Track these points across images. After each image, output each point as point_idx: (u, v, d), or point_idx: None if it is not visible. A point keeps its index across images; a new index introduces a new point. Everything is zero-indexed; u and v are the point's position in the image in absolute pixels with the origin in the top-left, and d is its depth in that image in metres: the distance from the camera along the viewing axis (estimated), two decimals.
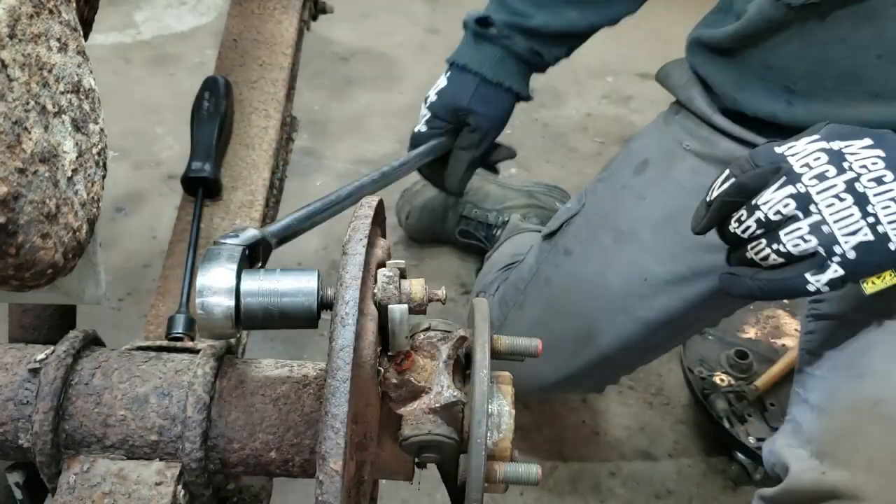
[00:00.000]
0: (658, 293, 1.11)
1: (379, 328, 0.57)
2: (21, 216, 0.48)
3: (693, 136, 1.10)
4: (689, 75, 1.12)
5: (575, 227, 1.20)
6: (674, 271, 1.10)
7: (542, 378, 1.22)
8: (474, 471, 0.55)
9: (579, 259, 1.17)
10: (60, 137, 0.53)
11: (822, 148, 0.75)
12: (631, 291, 1.12)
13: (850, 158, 0.74)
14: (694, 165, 1.09)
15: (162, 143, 2.08)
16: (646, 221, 1.12)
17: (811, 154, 0.75)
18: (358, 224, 0.58)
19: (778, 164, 0.75)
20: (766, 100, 1.00)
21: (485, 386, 0.57)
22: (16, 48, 0.48)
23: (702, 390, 1.43)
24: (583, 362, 1.18)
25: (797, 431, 0.88)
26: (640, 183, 1.14)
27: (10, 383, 0.59)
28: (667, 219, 1.10)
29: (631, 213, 1.13)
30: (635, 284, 1.12)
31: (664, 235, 1.10)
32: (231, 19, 1.12)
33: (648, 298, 1.11)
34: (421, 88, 2.43)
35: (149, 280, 1.68)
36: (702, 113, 1.09)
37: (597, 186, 1.22)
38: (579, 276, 1.17)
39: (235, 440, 0.58)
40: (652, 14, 1.38)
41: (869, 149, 0.73)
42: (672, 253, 1.10)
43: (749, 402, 1.41)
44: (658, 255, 1.11)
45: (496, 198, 1.75)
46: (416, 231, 1.81)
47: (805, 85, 0.97)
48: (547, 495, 1.38)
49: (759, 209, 0.75)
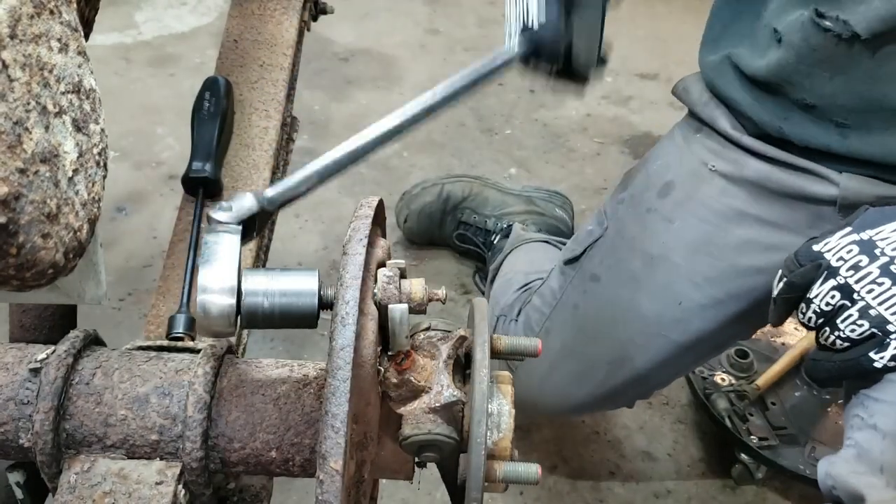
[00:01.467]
0: (693, 317, 1.11)
1: (379, 328, 0.57)
2: (22, 216, 0.48)
3: (719, 157, 1.08)
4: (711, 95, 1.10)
5: (600, 251, 1.18)
6: (709, 295, 1.09)
7: (575, 400, 1.22)
8: (474, 470, 0.56)
9: (608, 284, 1.16)
10: (61, 137, 0.53)
11: (854, 241, 0.82)
12: (665, 315, 1.11)
13: (881, 245, 0.81)
14: (722, 187, 1.07)
15: (162, 143, 2.08)
16: (677, 245, 1.10)
17: (844, 248, 0.83)
18: (358, 224, 0.58)
19: (818, 262, 0.83)
20: (816, 132, 0.99)
21: (485, 385, 0.57)
22: (17, 48, 0.48)
23: (703, 390, 1.44)
24: (617, 384, 1.18)
25: (864, 457, 0.86)
26: (666, 206, 1.12)
27: (11, 383, 0.59)
28: (699, 242, 1.09)
29: (660, 237, 1.12)
30: (669, 308, 1.11)
31: (697, 259, 1.09)
32: (231, 20, 1.12)
33: (684, 322, 1.11)
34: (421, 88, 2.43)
35: (149, 280, 1.68)
36: (729, 135, 1.07)
37: (618, 209, 1.19)
38: (610, 301, 1.16)
39: (236, 440, 0.58)
40: (651, 14, 1.39)
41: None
42: (706, 276, 1.09)
43: (750, 402, 1.41)
44: (692, 279, 1.10)
45: (495, 203, 1.74)
46: (413, 235, 1.81)
47: (858, 120, 0.96)
48: (547, 495, 1.38)
49: (813, 302, 0.84)
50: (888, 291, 0.80)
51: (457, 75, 0.77)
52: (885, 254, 0.80)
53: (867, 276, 0.81)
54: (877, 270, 0.80)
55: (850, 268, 0.82)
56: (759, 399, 1.42)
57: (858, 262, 0.81)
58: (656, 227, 1.13)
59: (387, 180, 2.01)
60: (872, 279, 0.80)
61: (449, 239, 1.79)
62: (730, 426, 1.38)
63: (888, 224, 0.82)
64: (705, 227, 1.08)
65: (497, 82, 2.37)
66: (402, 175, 2.03)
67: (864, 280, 0.81)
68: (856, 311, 0.81)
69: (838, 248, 0.83)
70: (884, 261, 0.80)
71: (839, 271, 0.82)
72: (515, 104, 2.31)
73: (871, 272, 0.81)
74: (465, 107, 2.28)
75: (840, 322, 0.82)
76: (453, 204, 1.76)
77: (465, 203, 1.76)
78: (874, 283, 0.80)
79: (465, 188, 1.77)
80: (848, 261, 0.82)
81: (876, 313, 0.80)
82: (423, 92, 0.82)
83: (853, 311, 0.81)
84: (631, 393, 1.24)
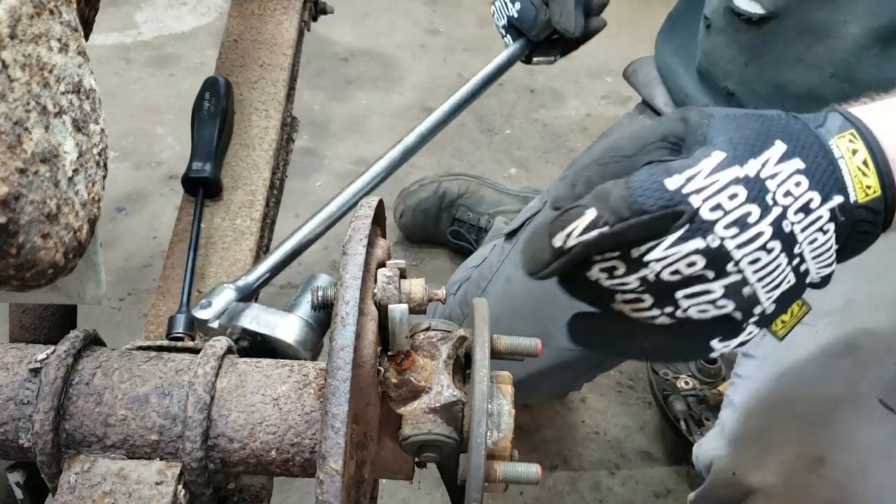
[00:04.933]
0: None
1: (379, 328, 0.57)
2: (22, 216, 0.48)
3: None
4: (655, 74, 1.13)
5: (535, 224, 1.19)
6: None
7: None
8: (474, 470, 0.55)
9: None
10: (61, 138, 0.53)
11: (737, 178, 0.53)
12: None
13: (771, 186, 0.53)
14: None
15: (162, 143, 2.08)
16: None
17: (724, 190, 0.52)
18: (358, 224, 0.58)
19: (676, 209, 0.52)
20: None
21: (485, 385, 0.57)
22: (16, 48, 0.48)
23: (662, 391, 1.43)
24: (542, 366, 1.15)
25: (722, 433, 0.88)
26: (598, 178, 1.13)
27: (11, 383, 0.59)
28: None
29: None
30: None
31: None
32: (231, 20, 1.12)
33: None
34: (421, 88, 2.45)
35: (149, 280, 1.68)
36: (661, 111, 1.10)
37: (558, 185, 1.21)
38: None
39: (236, 440, 0.58)
40: (651, 14, 1.39)
41: (786, 160, 0.54)
42: None
43: (709, 406, 1.40)
44: None
45: (490, 202, 1.75)
46: (409, 230, 1.82)
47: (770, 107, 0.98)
48: (547, 495, 1.38)
49: (648, 266, 0.53)
50: (775, 261, 0.54)
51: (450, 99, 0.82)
52: (777, 202, 0.53)
53: (756, 237, 0.52)
54: (769, 231, 0.53)
55: (734, 224, 0.52)
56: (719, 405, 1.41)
57: (746, 217, 0.52)
58: None
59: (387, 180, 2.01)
60: (762, 243, 0.53)
61: (443, 236, 1.79)
62: (683, 429, 1.37)
63: (770, 148, 0.54)
64: None
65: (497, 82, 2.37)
66: (402, 175, 2.02)
67: (752, 244, 0.53)
68: (721, 286, 0.53)
69: (714, 188, 0.52)
70: (776, 213, 0.53)
71: (714, 227, 0.52)
72: (515, 104, 2.31)
73: (762, 232, 0.52)
74: None
75: (684, 297, 0.54)
76: (449, 201, 1.77)
77: (460, 200, 1.76)
78: (763, 250, 0.53)
79: (461, 186, 1.78)
80: (730, 212, 0.52)
81: (750, 293, 0.54)
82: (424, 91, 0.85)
83: (715, 287, 0.53)
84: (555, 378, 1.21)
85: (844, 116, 0.56)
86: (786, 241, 0.53)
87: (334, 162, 2.07)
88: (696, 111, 0.57)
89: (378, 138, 2.16)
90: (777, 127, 0.55)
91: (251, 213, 0.91)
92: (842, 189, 0.54)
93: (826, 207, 0.54)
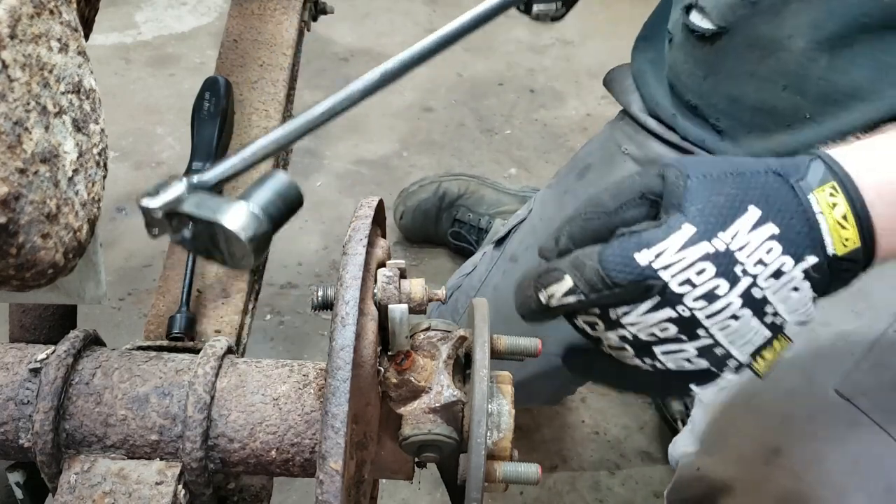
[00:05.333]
0: None
1: (379, 328, 0.57)
2: (22, 216, 0.48)
3: (631, 141, 1.12)
4: (631, 81, 1.15)
5: (521, 233, 1.20)
6: None
7: None
8: (474, 470, 0.56)
9: (523, 266, 1.17)
10: (61, 138, 0.53)
11: (707, 254, 0.54)
12: None
13: (741, 257, 0.55)
14: (631, 169, 1.10)
15: (162, 143, 2.08)
16: None
17: (692, 266, 0.54)
18: (358, 224, 0.58)
19: (646, 283, 0.55)
20: (698, 129, 1.03)
21: (485, 385, 0.57)
22: (17, 48, 0.48)
23: None
24: (532, 371, 1.15)
25: (691, 430, 0.89)
26: (581, 187, 1.14)
27: (11, 383, 0.59)
28: None
29: None
30: None
31: None
32: (231, 20, 1.12)
33: None
34: (421, 88, 2.45)
35: (149, 280, 1.68)
36: (637, 117, 1.12)
37: (545, 193, 1.23)
38: None
39: (236, 440, 0.58)
40: None
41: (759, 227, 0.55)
42: None
43: None
44: None
45: (491, 202, 1.75)
46: (409, 232, 1.82)
47: (727, 123, 1.00)
48: (547, 495, 1.38)
49: (624, 329, 0.57)
50: (746, 325, 0.56)
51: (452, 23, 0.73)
52: (747, 272, 0.55)
53: (725, 308, 0.55)
54: (738, 300, 0.55)
55: (702, 297, 0.55)
56: None
57: (714, 290, 0.55)
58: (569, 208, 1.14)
59: (387, 180, 2.01)
60: (731, 313, 0.55)
61: (444, 236, 1.79)
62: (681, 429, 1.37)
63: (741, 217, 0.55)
64: None
65: (497, 82, 2.37)
66: (402, 175, 2.03)
67: (720, 315, 0.55)
68: (694, 348, 0.57)
69: (682, 265, 0.54)
70: (746, 284, 0.55)
71: (683, 300, 0.55)
72: (515, 104, 2.31)
73: (730, 303, 0.55)
74: (465, 107, 2.28)
75: (662, 353, 0.58)
76: (449, 201, 1.77)
77: (460, 201, 1.76)
78: (732, 319, 0.56)
79: (461, 186, 1.78)
80: (698, 286, 0.54)
81: (723, 352, 0.57)
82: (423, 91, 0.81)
83: (689, 348, 0.57)
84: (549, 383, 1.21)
85: (827, 166, 0.57)
86: (756, 307, 0.56)
87: (334, 162, 2.07)
88: (674, 169, 0.58)
89: (378, 138, 2.16)
90: (753, 189, 0.56)
91: None
92: (817, 248, 0.56)
93: (799, 269, 0.56)
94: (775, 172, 0.57)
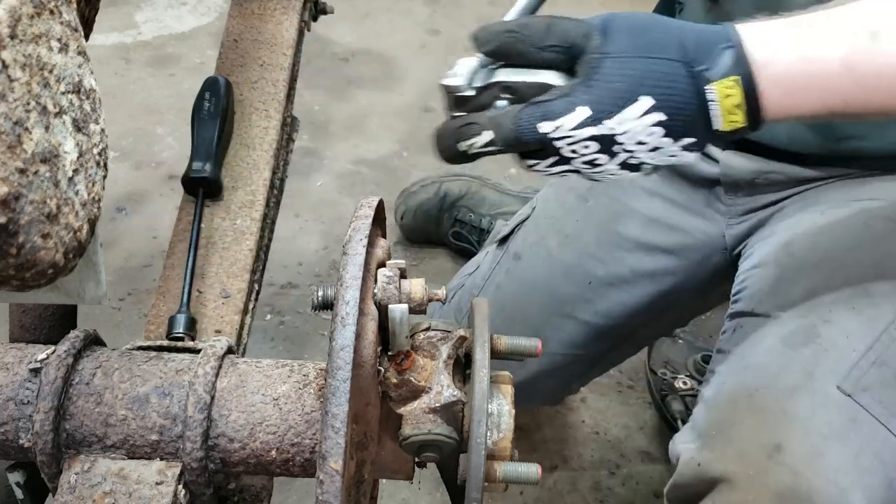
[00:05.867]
0: (601, 297, 1.11)
1: (379, 328, 0.57)
2: (22, 216, 0.48)
3: None
4: None
5: (525, 231, 1.20)
6: (614, 273, 1.11)
7: None
8: (474, 470, 0.56)
9: (527, 263, 1.17)
10: (61, 138, 0.53)
11: (593, 136, 0.67)
12: (576, 295, 1.12)
13: (622, 139, 0.67)
14: None
15: (162, 143, 2.08)
16: (588, 223, 1.13)
17: (580, 142, 0.67)
18: (358, 224, 0.58)
19: (547, 146, 0.68)
20: None
21: (485, 385, 0.57)
22: (17, 48, 0.48)
23: (660, 391, 1.43)
24: (533, 370, 1.17)
25: (693, 427, 0.89)
26: (583, 184, 1.14)
27: (11, 383, 0.59)
28: (607, 220, 1.11)
29: (574, 215, 1.14)
30: (580, 288, 1.12)
31: (604, 237, 1.11)
32: (231, 20, 1.12)
33: (592, 302, 1.12)
34: (421, 88, 2.45)
35: (149, 280, 1.68)
36: None
37: (547, 191, 1.23)
38: (527, 280, 1.16)
39: (236, 440, 0.58)
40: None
41: (647, 115, 0.66)
42: (612, 254, 1.11)
43: None
44: (600, 258, 1.11)
45: (492, 203, 1.75)
46: (410, 232, 1.81)
47: None
48: (547, 495, 1.38)
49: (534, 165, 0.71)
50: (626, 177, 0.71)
51: None
52: (626, 149, 0.67)
53: (604, 171, 0.70)
54: (616, 167, 0.69)
55: (586, 163, 0.69)
56: None
57: (595, 160, 0.68)
58: (573, 205, 1.15)
59: (387, 180, 2.01)
60: (610, 172, 0.70)
61: (445, 237, 1.79)
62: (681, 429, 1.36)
63: (630, 106, 0.65)
64: (615, 206, 1.11)
65: None
66: (403, 175, 2.03)
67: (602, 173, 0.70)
68: None
69: (573, 139, 0.67)
70: (623, 157, 0.68)
71: (571, 162, 0.69)
72: None
73: (608, 168, 0.69)
74: None
75: None
76: (450, 202, 1.76)
77: (461, 202, 1.76)
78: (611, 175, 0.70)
79: (463, 187, 1.77)
80: (583, 155, 0.68)
81: None
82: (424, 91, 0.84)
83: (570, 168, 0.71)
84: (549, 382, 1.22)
85: (736, 58, 0.65)
86: (632, 168, 0.70)
87: (334, 162, 2.07)
88: (597, 39, 0.67)
89: (378, 138, 2.16)
90: (654, 78, 0.66)
91: (251, 213, 0.91)
92: (699, 130, 0.67)
93: (677, 146, 0.68)
94: (685, 62, 0.66)
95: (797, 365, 0.83)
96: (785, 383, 0.83)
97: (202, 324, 0.79)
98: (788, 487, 0.77)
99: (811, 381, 0.82)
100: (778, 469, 0.78)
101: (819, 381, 0.81)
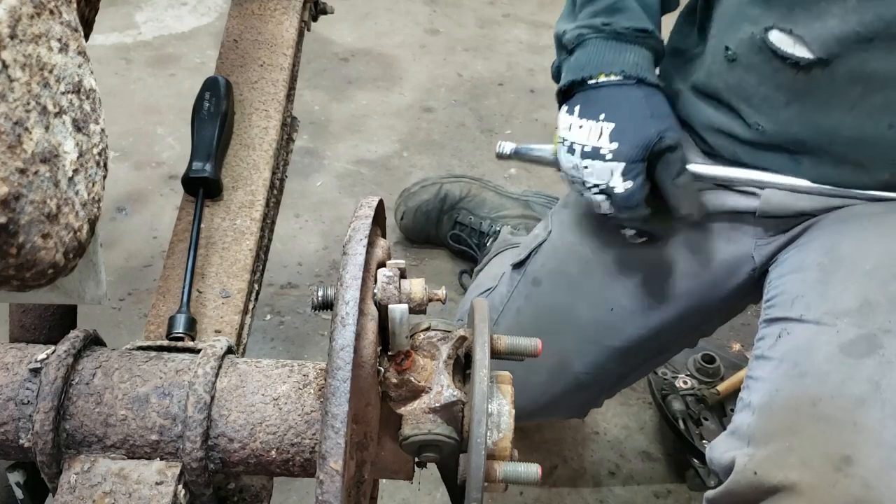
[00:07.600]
0: (624, 323, 1.11)
1: (379, 328, 0.57)
2: (22, 216, 0.48)
3: None
4: None
5: (542, 255, 1.19)
6: (638, 299, 1.10)
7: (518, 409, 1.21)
8: (474, 470, 0.56)
9: (548, 289, 1.17)
10: (61, 138, 0.53)
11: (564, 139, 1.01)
12: (599, 321, 1.12)
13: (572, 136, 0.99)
14: None
15: (162, 143, 2.08)
16: (609, 249, 1.12)
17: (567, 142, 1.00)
18: (358, 224, 0.58)
19: None
20: (768, 157, 1.00)
21: (485, 385, 0.57)
22: (17, 48, 0.48)
23: (661, 390, 1.43)
24: (558, 391, 1.18)
25: (738, 433, 0.88)
26: None
27: (11, 383, 0.59)
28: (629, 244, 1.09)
29: (595, 241, 1.13)
30: (603, 314, 1.12)
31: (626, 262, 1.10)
32: (231, 20, 1.12)
33: (616, 328, 1.12)
34: (421, 88, 2.45)
35: (149, 280, 1.68)
36: None
37: (562, 212, 1.21)
38: (549, 306, 1.16)
39: (236, 440, 0.58)
40: None
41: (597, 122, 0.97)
42: (635, 281, 1.10)
43: (707, 406, 1.39)
44: (622, 284, 1.10)
45: (492, 205, 1.74)
46: (410, 232, 1.81)
47: (811, 148, 0.96)
48: (547, 495, 1.38)
49: None
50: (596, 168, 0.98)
51: None
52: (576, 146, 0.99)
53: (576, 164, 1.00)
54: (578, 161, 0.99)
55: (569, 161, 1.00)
56: (718, 404, 1.40)
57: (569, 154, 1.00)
58: (592, 231, 1.14)
59: (387, 180, 2.01)
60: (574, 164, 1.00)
61: (444, 238, 1.79)
62: (682, 429, 1.36)
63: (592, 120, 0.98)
64: None
65: (497, 83, 2.38)
66: (403, 175, 2.03)
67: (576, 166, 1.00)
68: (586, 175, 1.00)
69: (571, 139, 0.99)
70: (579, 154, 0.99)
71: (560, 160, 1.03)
72: (515, 104, 2.31)
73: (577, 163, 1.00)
74: (465, 107, 2.28)
75: None
76: (450, 204, 1.76)
77: (461, 203, 1.76)
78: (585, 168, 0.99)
79: (463, 188, 1.77)
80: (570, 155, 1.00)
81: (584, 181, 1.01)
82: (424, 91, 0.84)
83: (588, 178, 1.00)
84: (575, 399, 1.22)
85: None
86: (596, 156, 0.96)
87: (334, 162, 2.07)
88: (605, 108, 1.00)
89: (378, 138, 2.16)
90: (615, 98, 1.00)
91: (251, 213, 0.91)
92: None
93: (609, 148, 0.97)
94: None
95: (862, 375, 0.82)
96: (851, 394, 0.81)
97: (202, 324, 0.79)
98: (858, 499, 0.76)
99: (878, 391, 0.80)
100: (848, 481, 0.77)
101: (887, 392, 0.80)
